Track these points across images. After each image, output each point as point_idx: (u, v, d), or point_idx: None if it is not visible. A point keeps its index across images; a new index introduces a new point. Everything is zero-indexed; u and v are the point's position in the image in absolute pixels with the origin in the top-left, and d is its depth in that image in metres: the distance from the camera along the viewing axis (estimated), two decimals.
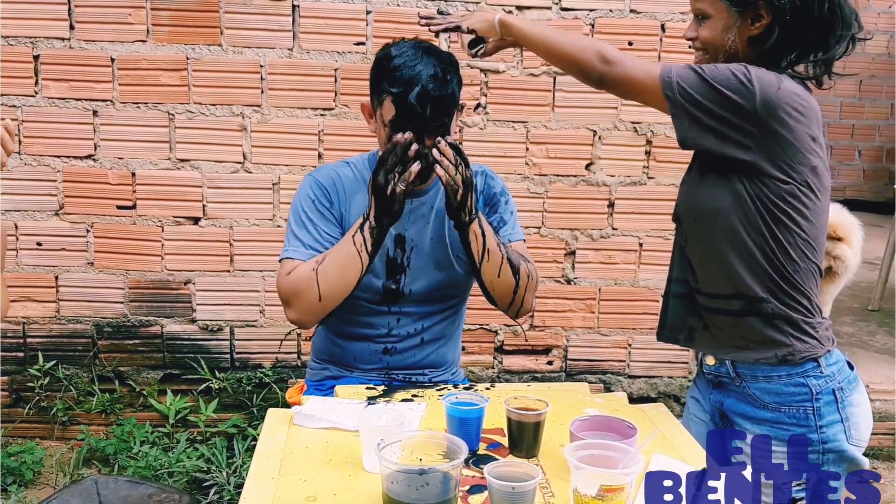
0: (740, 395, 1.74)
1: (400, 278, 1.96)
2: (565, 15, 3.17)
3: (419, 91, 1.77)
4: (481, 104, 3.22)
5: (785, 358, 1.68)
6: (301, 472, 1.44)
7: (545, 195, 3.30)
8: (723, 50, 1.66)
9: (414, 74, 1.78)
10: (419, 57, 1.81)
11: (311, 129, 3.20)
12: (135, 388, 3.32)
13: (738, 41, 1.66)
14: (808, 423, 1.69)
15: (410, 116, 1.79)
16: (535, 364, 3.46)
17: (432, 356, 2.05)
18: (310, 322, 1.91)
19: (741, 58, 1.65)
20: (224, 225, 3.24)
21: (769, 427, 1.70)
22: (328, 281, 1.81)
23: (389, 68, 1.81)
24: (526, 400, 1.56)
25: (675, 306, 1.82)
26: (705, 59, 1.69)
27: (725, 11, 1.64)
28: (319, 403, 1.73)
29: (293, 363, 3.37)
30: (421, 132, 1.79)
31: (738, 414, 1.75)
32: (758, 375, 1.71)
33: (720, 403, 1.79)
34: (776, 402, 1.70)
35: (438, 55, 1.84)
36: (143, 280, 3.27)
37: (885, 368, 3.80)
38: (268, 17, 3.12)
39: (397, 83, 1.79)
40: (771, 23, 1.63)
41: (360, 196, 1.95)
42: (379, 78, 1.84)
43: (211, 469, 3.01)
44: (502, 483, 1.22)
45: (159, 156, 3.19)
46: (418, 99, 1.77)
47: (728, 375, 1.75)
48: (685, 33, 1.74)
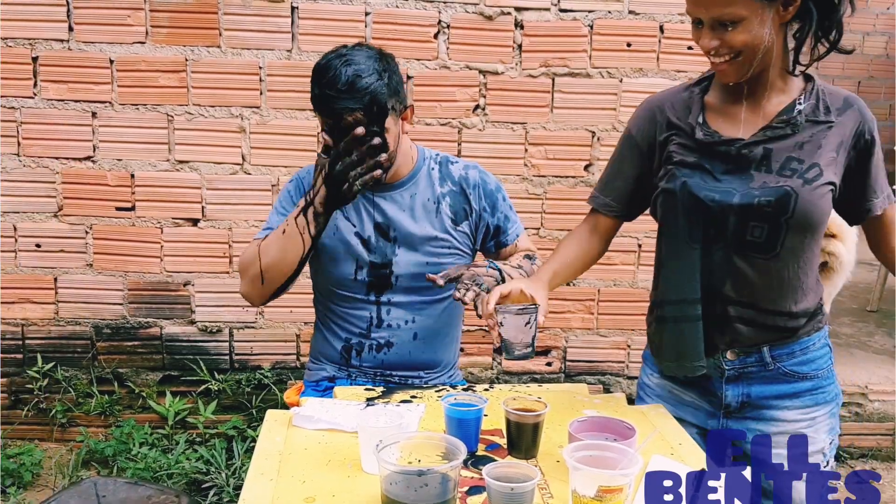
0: (771, 377, 1.70)
1: (386, 266, 1.98)
2: (564, 16, 3.17)
3: (327, 101, 1.79)
4: (480, 105, 3.22)
5: (819, 326, 1.72)
6: (300, 474, 1.44)
7: (544, 196, 3.30)
8: (760, 49, 1.54)
9: (325, 82, 1.80)
10: (336, 64, 1.80)
11: (310, 130, 3.20)
12: (134, 390, 3.32)
13: (775, 32, 1.55)
14: (834, 378, 1.75)
15: (332, 127, 1.80)
16: (534, 365, 3.46)
17: (427, 354, 2.05)
18: (256, 298, 1.95)
19: (779, 50, 1.57)
20: (223, 226, 3.24)
21: (810, 396, 1.71)
22: (268, 259, 1.86)
23: (317, 80, 1.83)
24: (524, 401, 1.56)
25: (693, 330, 1.69)
26: (738, 63, 1.56)
27: (759, 7, 1.50)
28: (318, 405, 1.73)
29: (292, 364, 3.37)
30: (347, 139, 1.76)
31: (774, 396, 1.71)
32: (795, 351, 1.70)
33: (745, 395, 1.72)
34: (813, 369, 1.71)
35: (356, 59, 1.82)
36: (141, 281, 3.27)
37: (884, 369, 3.80)
38: (266, 18, 3.12)
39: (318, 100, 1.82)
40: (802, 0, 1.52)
41: None
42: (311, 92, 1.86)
43: (210, 470, 3.01)
44: (501, 484, 1.22)
45: (158, 157, 3.19)
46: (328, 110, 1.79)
47: (758, 363, 1.69)
48: (703, 44, 1.57)
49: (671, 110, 1.72)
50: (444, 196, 2.02)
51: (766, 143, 1.61)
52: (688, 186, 1.63)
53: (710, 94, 1.70)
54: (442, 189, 2.03)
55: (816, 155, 1.60)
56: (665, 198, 1.68)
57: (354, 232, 1.97)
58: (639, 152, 1.77)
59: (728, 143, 1.63)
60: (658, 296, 1.77)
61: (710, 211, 1.62)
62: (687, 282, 1.68)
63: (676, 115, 1.70)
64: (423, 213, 2.00)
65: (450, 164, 2.07)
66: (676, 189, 1.64)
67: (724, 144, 1.63)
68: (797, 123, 1.61)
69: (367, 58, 1.82)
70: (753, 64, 1.57)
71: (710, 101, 1.69)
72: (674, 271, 1.72)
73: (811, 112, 1.62)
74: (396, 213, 1.98)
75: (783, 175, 1.59)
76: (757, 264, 1.63)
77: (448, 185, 2.04)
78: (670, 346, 1.75)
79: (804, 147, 1.61)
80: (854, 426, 3.58)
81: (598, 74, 3.23)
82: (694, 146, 1.66)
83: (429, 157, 2.06)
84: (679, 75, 3.22)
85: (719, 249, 1.64)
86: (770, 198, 1.58)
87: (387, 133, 1.83)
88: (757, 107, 1.65)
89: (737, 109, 1.66)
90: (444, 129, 3.22)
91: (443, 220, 2.01)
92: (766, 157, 1.61)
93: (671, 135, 1.70)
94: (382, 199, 1.98)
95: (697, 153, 1.66)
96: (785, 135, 1.61)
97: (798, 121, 1.61)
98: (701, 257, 1.66)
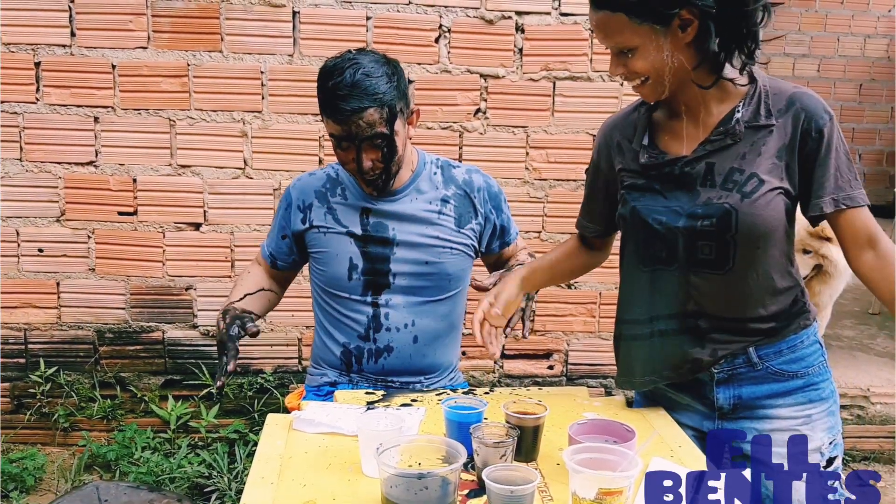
0: (761, 377, 1.68)
1: (384, 263, 1.99)
2: (564, 20, 3.18)
3: (335, 101, 1.81)
4: (481, 109, 3.23)
5: (806, 324, 1.69)
6: (300, 477, 1.45)
7: (545, 200, 3.31)
8: (666, 71, 1.53)
9: (332, 83, 1.82)
10: (348, 74, 1.82)
11: (312, 134, 3.21)
12: (136, 394, 3.33)
13: (677, 54, 1.52)
14: (828, 376, 1.73)
15: (340, 131, 1.85)
16: (536, 368, 3.46)
17: (428, 358, 2.05)
18: None
19: (688, 67, 1.54)
20: (225, 231, 3.24)
21: (802, 394, 1.69)
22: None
23: (324, 83, 1.85)
24: (525, 404, 1.56)
25: (668, 345, 1.70)
26: (649, 85, 1.56)
27: (650, 33, 1.49)
28: (319, 408, 1.73)
29: (294, 368, 3.38)
30: (356, 143, 1.85)
31: (765, 396, 1.69)
32: (782, 350, 1.67)
33: (737, 397, 1.71)
34: (803, 367, 1.68)
35: (363, 61, 1.84)
36: (144, 286, 3.28)
37: (886, 372, 3.80)
38: (268, 23, 3.13)
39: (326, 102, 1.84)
40: (701, 20, 1.48)
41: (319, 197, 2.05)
42: (319, 96, 1.89)
43: (212, 475, 3.02)
44: (501, 487, 1.22)
45: (160, 162, 3.20)
46: (338, 111, 1.82)
47: (746, 364, 1.68)
48: (611, 70, 1.58)
49: (620, 134, 1.72)
50: (448, 199, 2.03)
51: (708, 158, 1.59)
52: (636, 211, 1.64)
53: (657, 111, 1.69)
54: (446, 192, 2.04)
55: (756, 164, 1.57)
56: (620, 222, 1.73)
57: (348, 231, 1.99)
58: (603, 177, 1.79)
59: (671, 163, 1.61)
60: (617, 313, 1.81)
61: (659, 234, 1.62)
62: (637, 303, 1.72)
63: (626, 138, 1.71)
64: (425, 215, 2.01)
65: (451, 167, 2.09)
66: (627, 214, 1.67)
67: (668, 165, 1.62)
68: (736, 133, 1.57)
69: (374, 61, 1.85)
70: (666, 84, 1.56)
71: (656, 118, 1.68)
72: (626, 293, 1.77)
73: (752, 118, 1.58)
74: (395, 211, 2.00)
75: (725, 189, 1.57)
76: (713, 280, 1.62)
77: (452, 189, 2.05)
78: (622, 362, 1.82)
79: (745, 156, 1.57)
80: (856, 429, 3.58)
81: (598, 78, 3.23)
82: (640, 169, 1.65)
83: (429, 162, 2.07)
84: None
85: (675, 270, 1.63)
86: (712, 218, 1.57)
87: (396, 136, 1.87)
88: (696, 120, 1.62)
89: (679, 124, 1.64)
90: (446, 133, 3.23)
91: (445, 222, 2.02)
92: (709, 171, 1.58)
93: (621, 159, 1.71)
94: (382, 202, 2.00)
95: (645, 176, 1.65)
96: (725, 146, 1.58)
97: (737, 130, 1.57)
98: (652, 280, 1.67)
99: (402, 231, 1.99)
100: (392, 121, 1.85)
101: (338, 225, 2.00)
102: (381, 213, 1.99)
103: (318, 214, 2.02)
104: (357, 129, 1.82)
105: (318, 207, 2.03)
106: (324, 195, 2.03)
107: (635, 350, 1.76)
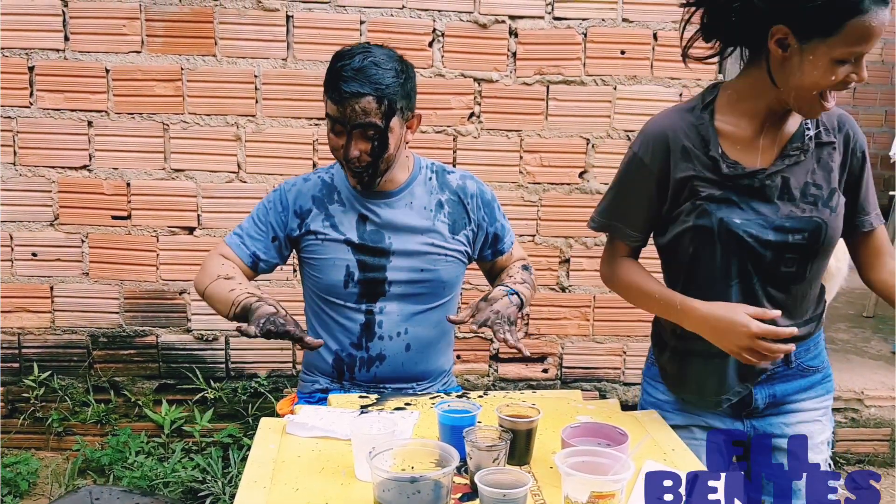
0: (792, 375, 1.75)
1: (380, 271, 1.98)
2: (558, 24, 3.18)
3: (338, 80, 1.82)
4: (475, 113, 3.23)
5: (823, 320, 1.79)
6: (293, 481, 1.44)
7: (539, 203, 3.31)
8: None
9: (340, 64, 1.83)
10: (358, 59, 1.83)
11: (306, 138, 3.21)
12: (130, 399, 3.32)
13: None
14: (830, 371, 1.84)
15: (336, 112, 1.85)
16: (530, 372, 3.46)
17: (420, 366, 2.05)
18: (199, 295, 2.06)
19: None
20: (219, 234, 3.24)
21: (822, 386, 1.79)
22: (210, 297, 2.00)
23: (333, 65, 1.87)
24: (518, 407, 1.56)
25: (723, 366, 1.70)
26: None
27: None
28: (312, 412, 1.73)
29: (288, 372, 3.38)
30: (347, 129, 1.85)
31: (794, 392, 1.76)
32: (810, 347, 1.77)
33: (771, 396, 1.74)
34: (821, 361, 1.80)
35: (377, 53, 1.86)
36: (138, 290, 3.27)
37: (881, 375, 3.80)
38: (262, 27, 3.13)
39: (330, 81, 1.85)
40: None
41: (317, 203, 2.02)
42: (325, 77, 1.89)
43: (206, 479, 3.01)
44: (493, 490, 1.23)
45: (154, 166, 3.20)
46: (337, 91, 1.82)
47: (782, 363, 1.73)
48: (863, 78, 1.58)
49: (686, 139, 1.65)
50: (442, 205, 2.03)
51: (784, 172, 1.62)
52: (725, 223, 1.61)
53: (717, 119, 1.66)
54: (440, 197, 2.03)
55: (831, 179, 1.64)
56: (697, 234, 1.64)
57: (345, 240, 1.97)
58: (655, 182, 1.69)
59: (751, 175, 1.61)
60: (681, 329, 1.70)
61: (747, 246, 1.61)
62: None
63: (692, 145, 1.65)
64: (420, 220, 2.00)
65: (446, 173, 2.08)
66: (713, 225, 1.61)
67: (748, 177, 1.61)
68: (809, 149, 1.63)
69: (386, 55, 1.87)
70: None
71: (721, 128, 1.65)
72: None
73: (817, 135, 1.65)
74: (392, 220, 1.99)
75: (806, 202, 1.62)
76: (790, 290, 1.67)
77: (446, 194, 2.04)
78: (693, 380, 1.77)
79: (817, 172, 1.63)
80: (851, 432, 3.58)
81: (592, 82, 3.24)
82: (718, 179, 1.62)
83: (425, 166, 2.07)
84: (673, 82, 3.24)
85: (756, 282, 1.65)
86: (804, 231, 1.61)
87: (390, 133, 1.86)
88: (772, 134, 1.64)
89: (750, 136, 1.64)
90: (440, 137, 3.23)
91: (439, 228, 2.01)
92: (785, 185, 1.62)
93: (689, 165, 1.65)
94: (377, 206, 1.99)
95: (722, 186, 1.62)
96: (799, 161, 1.63)
97: (810, 146, 1.63)
98: (734, 294, 1.65)
99: (398, 240, 1.98)
100: (389, 116, 1.85)
101: (335, 232, 1.98)
102: (377, 220, 1.98)
103: (317, 221, 1.99)
104: (352, 114, 1.82)
105: (316, 214, 2.00)
106: (322, 201, 2.01)
107: (711, 367, 1.71)
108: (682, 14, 1.67)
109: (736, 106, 1.64)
